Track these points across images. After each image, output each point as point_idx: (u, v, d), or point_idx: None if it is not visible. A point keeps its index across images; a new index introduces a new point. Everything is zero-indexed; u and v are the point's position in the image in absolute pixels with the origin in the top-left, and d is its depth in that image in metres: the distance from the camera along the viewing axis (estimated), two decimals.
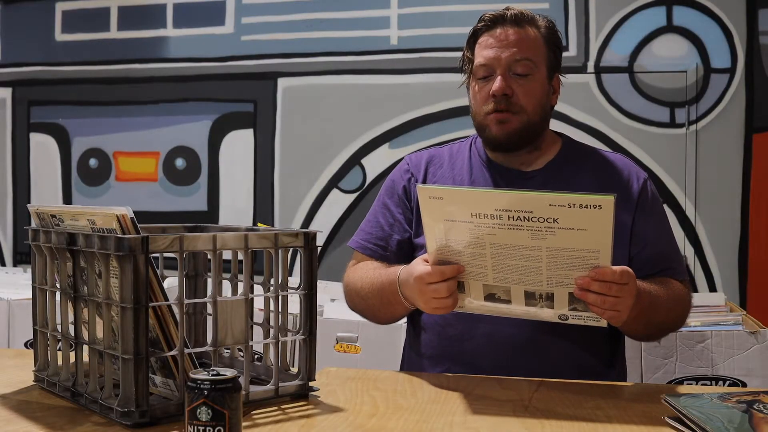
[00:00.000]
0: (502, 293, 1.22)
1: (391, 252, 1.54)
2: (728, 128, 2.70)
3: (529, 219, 1.12)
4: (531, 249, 1.15)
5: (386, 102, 2.95)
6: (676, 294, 1.43)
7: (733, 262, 2.70)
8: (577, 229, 1.11)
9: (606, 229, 1.10)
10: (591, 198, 1.09)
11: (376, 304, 1.47)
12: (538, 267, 1.16)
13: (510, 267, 1.18)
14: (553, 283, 1.18)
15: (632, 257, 1.47)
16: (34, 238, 1.19)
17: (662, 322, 1.44)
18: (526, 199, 1.13)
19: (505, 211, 1.13)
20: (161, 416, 1.03)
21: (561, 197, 1.11)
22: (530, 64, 1.46)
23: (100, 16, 3.25)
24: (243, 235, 1.12)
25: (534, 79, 1.47)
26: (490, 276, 1.21)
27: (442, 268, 1.22)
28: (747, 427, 0.95)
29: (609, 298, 1.17)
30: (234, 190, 3.12)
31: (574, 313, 1.21)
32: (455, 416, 1.09)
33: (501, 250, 1.17)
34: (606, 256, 1.14)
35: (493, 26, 1.48)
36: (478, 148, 1.58)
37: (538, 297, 1.20)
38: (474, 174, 1.54)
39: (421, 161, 1.60)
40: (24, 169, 3.35)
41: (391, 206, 1.58)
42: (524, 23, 1.47)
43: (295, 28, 3.04)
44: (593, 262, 1.14)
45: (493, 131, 1.48)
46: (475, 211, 1.15)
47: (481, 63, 1.47)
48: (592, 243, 1.13)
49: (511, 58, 1.45)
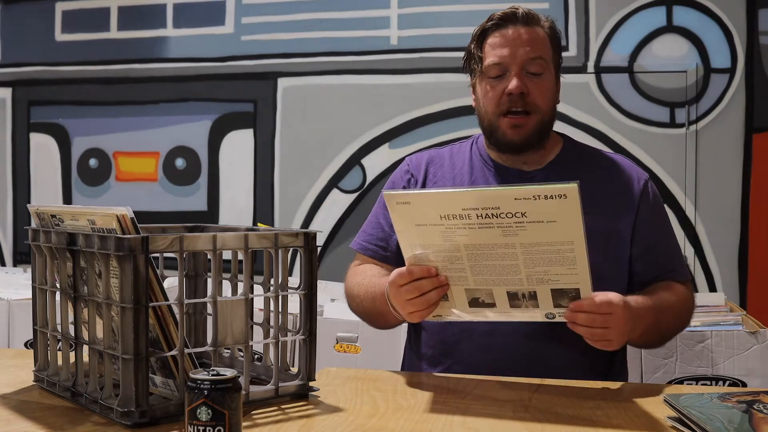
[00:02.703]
0: (485, 296, 1.21)
1: (392, 252, 1.53)
2: (728, 128, 2.70)
3: (497, 216, 1.11)
4: (505, 247, 1.14)
5: (386, 102, 2.95)
6: (681, 299, 1.44)
7: (733, 262, 2.70)
8: (547, 221, 1.10)
9: (575, 219, 1.09)
10: (554, 188, 1.08)
11: (373, 312, 1.47)
12: (515, 265, 1.15)
13: (488, 268, 1.17)
14: (533, 280, 1.17)
15: (634, 259, 1.46)
16: (34, 238, 1.19)
17: (671, 330, 1.46)
18: (491, 196, 1.12)
19: (472, 210, 1.12)
20: (161, 416, 1.03)
21: (525, 190, 1.09)
22: (543, 63, 1.46)
23: (100, 16, 3.25)
24: (243, 235, 1.12)
25: (547, 78, 1.47)
26: (470, 279, 1.19)
27: (410, 268, 1.21)
28: (747, 427, 0.95)
29: (597, 329, 1.17)
30: (234, 190, 3.12)
31: (559, 310, 1.20)
32: (455, 416, 1.09)
33: (476, 251, 1.16)
34: (581, 247, 1.12)
35: (503, 25, 1.46)
36: (479, 148, 1.58)
37: (521, 297, 1.19)
38: (475, 174, 1.54)
39: (422, 162, 1.59)
40: (24, 169, 3.35)
41: None
42: (533, 23, 1.47)
43: (295, 28, 3.04)
44: (569, 254, 1.13)
45: (507, 135, 1.47)
46: (443, 213, 1.14)
47: (494, 62, 1.46)
48: (564, 235, 1.11)
49: (526, 56, 1.44)
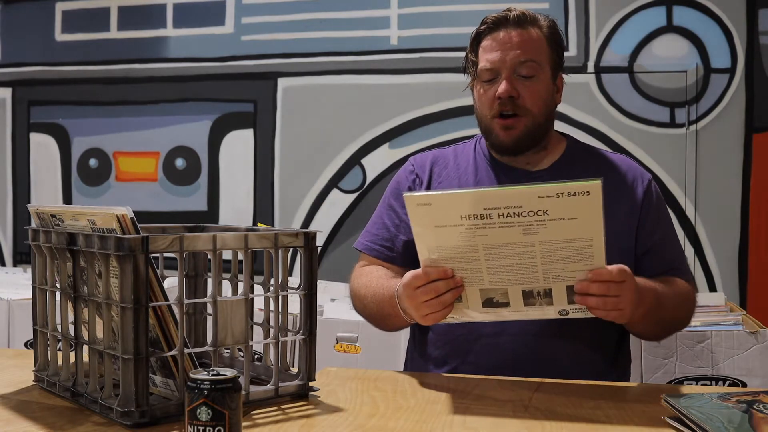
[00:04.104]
0: (500, 296, 1.21)
1: (398, 253, 1.53)
2: (728, 128, 2.70)
3: (519, 214, 1.12)
4: (524, 245, 1.14)
5: (386, 102, 2.95)
6: (682, 291, 1.44)
7: (733, 262, 2.70)
8: (568, 218, 1.11)
9: (596, 215, 1.10)
10: (578, 185, 1.08)
11: (378, 315, 1.47)
12: (533, 263, 1.16)
13: (505, 267, 1.17)
14: (549, 278, 1.17)
15: (638, 258, 1.47)
16: (34, 238, 1.19)
17: (671, 320, 1.44)
18: (514, 195, 1.12)
19: (494, 209, 1.12)
20: (161, 416, 1.03)
21: (549, 188, 1.10)
22: (535, 66, 1.45)
23: (100, 16, 3.25)
24: (243, 235, 1.12)
25: (539, 81, 1.47)
26: (486, 279, 1.19)
27: (427, 270, 1.21)
28: (747, 427, 0.95)
29: (610, 298, 1.18)
30: (234, 190, 3.12)
31: (574, 307, 1.20)
32: (455, 416, 1.09)
33: (494, 251, 1.16)
34: (599, 243, 1.13)
35: (495, 28, 1.47)
36: (482, 148, 1.57)
37: (536, 295, 1.19)
38: (479, 174, 1.54)
39: (426, 162, 1.59)
40: (24, 169, 3.35)
41: (396, 207, 1.57)
42: (527, 24, 1.46)
43: (295, 28, 3.04)
44: (587, 251, 1.14)
45: (499, 137, 1.47)
46: (465, 213, 1.14)
47: (486, 67, 1.46)
48: (584, 231, 1.12)
49: (516, 60, 1.44)
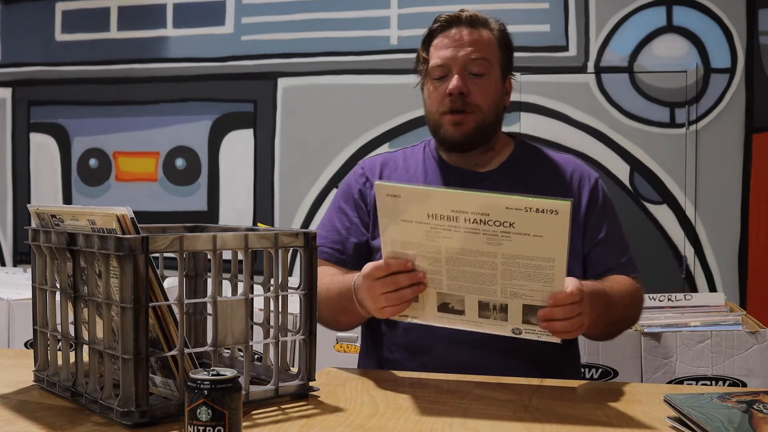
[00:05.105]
0: (456, 303, 1.20)
1: (348, 255, 1.54)
2: (728, 128, 2.70)
3: (485, 222, 1.11)
4: (486, 255, 1.13)
5: (386, 102, 2.95)
6: (630, 290, 1.46)
7: (733, 262, 2.71)
8: (533, 235, 1.10)
9: (562, 237, 1.09)
10: (548, 202, 1.07)
11: (332, 310, 1.44)
12: (492, 275, 1.15)
13: (465, 274, 1.16)
14: (507, 293, 1.16)
15: (585, 256, 1.51)
16: (34, 238, 1.19)
17: (620, 320, 1.47)
18: (483, 201, 1.11)
19: (461, 213, 1.12)
20: (161, 416, 1.02)
21: (518, 200, 1.09)
22: (485, 64, 1.49)
23: (100, 16, 3.25)
24: (243, 235, 1.12)
25: (489, 79, 1.50)
26: (445, 283, 1.19)
27: (388, 261, 1.20)
28: (747, 427, 0.95)
29: (574, 319, 1.19)
30: (234, 190, 3.12)
31: (527, 327, 1.19)
32: (455, 416, 1.09)
33: (456, 255, 1.15)
34: (561, 266, 1.12)
35: (448, 27, 1.50)
36: (431, 151, 1.61)
37: (491, 308, 1.19)
38: (428, 176, 1.57)
39: (376, 165, 1.62)
40: (24, 169, 3.35)
41: (347, 210, 1.58)
42: (478, 25, 1.50)
43: (295, 28, 3.04)
44: (548, 272, 1.12)
45: (448, 132, 1.50)
46: (432, 212, 1.13)
47: (437, 63, 1.49)
48: (547, 251, 1.11)
49: (467, 57, 1.47)
